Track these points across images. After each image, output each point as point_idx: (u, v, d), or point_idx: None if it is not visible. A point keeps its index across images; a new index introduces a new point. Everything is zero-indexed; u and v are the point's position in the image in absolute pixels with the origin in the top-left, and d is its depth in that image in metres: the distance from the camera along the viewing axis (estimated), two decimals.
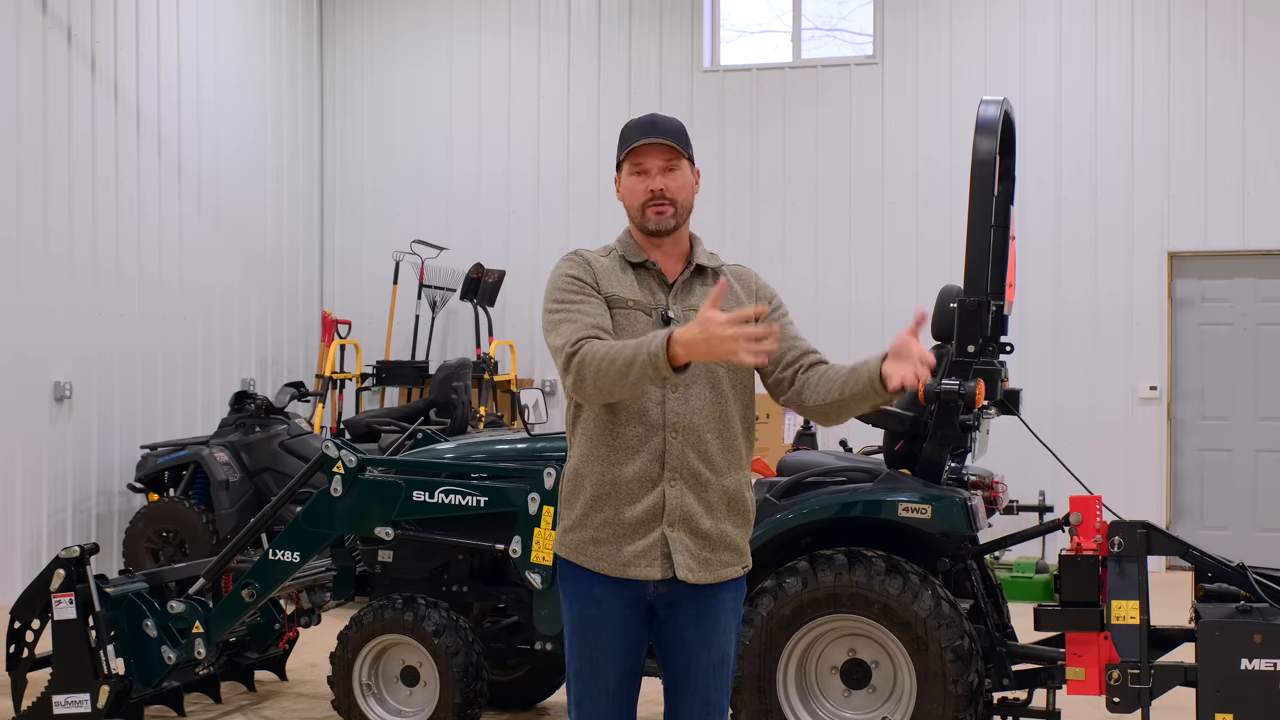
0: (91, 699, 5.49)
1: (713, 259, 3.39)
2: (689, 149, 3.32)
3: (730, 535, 3.29)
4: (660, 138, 3.26)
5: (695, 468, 3.22)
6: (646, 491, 3.21)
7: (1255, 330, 10.23)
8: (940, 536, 5.02)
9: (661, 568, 3.21)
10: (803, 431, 8.70)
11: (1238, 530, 10.14)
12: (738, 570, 3.33)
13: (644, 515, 3.21)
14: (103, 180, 9.71)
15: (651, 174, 3.26)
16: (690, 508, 3.22)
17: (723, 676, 3.33)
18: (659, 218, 3.27)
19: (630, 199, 3.30)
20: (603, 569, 3.24)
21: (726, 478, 3.27)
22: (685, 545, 3.22)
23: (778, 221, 11.19)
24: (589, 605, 3.27)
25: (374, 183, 12.25)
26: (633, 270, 3.31)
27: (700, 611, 3.28)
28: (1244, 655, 4.46)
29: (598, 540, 3.25)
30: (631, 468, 3.21)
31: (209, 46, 10.91)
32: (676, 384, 3.19)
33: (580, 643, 3.30)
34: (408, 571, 5.66)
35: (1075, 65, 10.58)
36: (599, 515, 3.24)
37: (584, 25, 11.75)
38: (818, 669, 5.03)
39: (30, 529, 9.05)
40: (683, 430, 3.21)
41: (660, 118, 3.32)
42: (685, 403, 3.21)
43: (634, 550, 3.21)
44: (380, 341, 11.82)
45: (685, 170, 3.31)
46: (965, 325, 4.96)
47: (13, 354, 8.89)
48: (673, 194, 3.27)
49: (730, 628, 3.34)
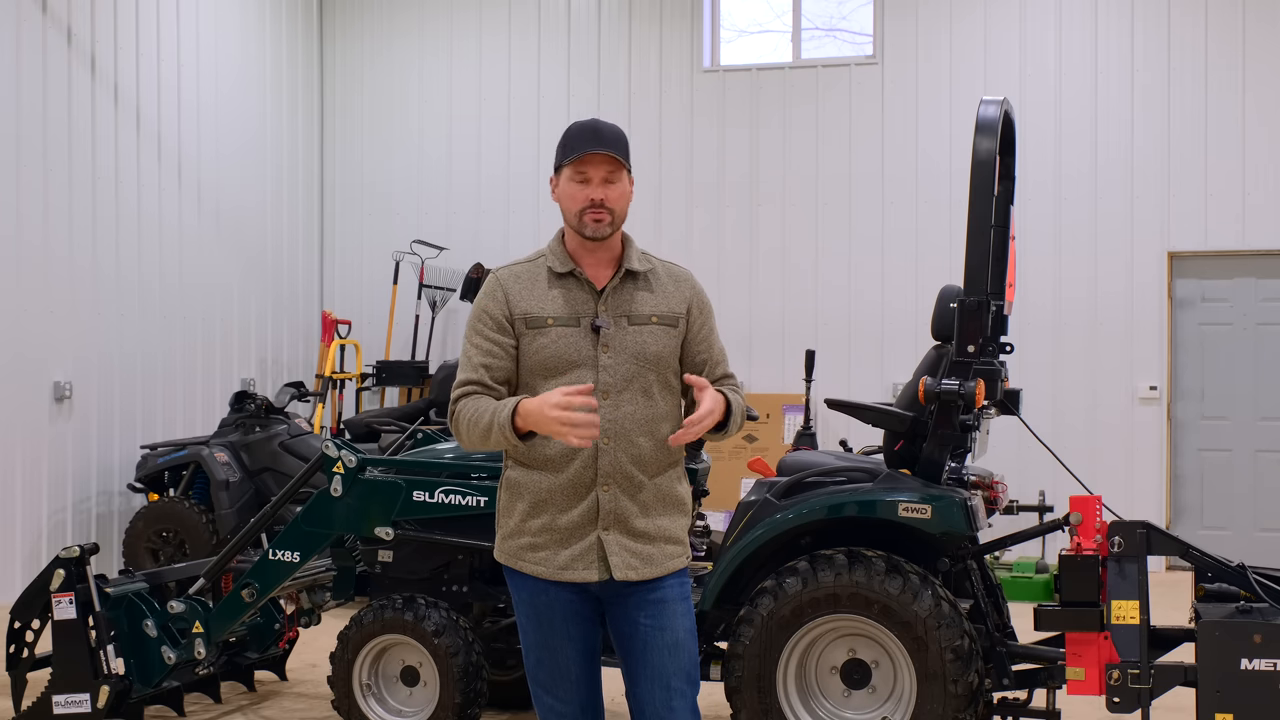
0: (91, 699, 5.49)
1: (644, 261, 3.45)
2: (629, 160, 3.40)
3: (668, 529, 3.40)
4: (605, 149, 3.33)
5: (628, 471, 3.32)
6: (581, 497, 3.31)
7: (1255, 330, 10.23)
8: (940, 536, 5.02)
9: (598, 570, 3.32)
10: (802, 431, 8.70)
11: (1238, 530, 10.15)
12: (681, 561, 3.42)
13: (579, 520, 3.32)
14: (103, 180, 9.71)
15: (593, 183, 3.34)
16: (624, 509, 3.32)
17: (680, 659, 3.38)
18: (596, 225, 3.34)
19: (569, 204, 3.36)
20: (541, 573, 3.35)
21: (659, 477, 3.38)
22: (622, 545, 3.32)
23: (778, 221, 11.20)
24: (538, 594, 3.37)
25: (374, 183, 12.25)
26: (559, 281, 3.38)
27: (647, 600, 3.36)
28: (1244, 655, 4.46)
29: (535, 545, 3.35)
30: (565, 475, 3.31)
31: (209, 46, 10.91)
32: (607, 392, 3.30)
33: (535, 630, 3.40)
34: (408, 571, 5.66)
35: (1075, 65, 10.58)
36: (535, 522, 3.35)
37: (584, 25, 11.75)
38: (818, 669, 5.03)
39: (30, 529, 9.05)
40: (614, 436, 3.31)
41: (603, 125, 3.38)
42: (616, 409, 3.31)
43: (570, 554, 3.32)
44: (380, 341, 11.83)
45: (624, 181, 3.38)
46: (965, 325, 4.95)
47: (13, 354, 8.89)
48: (611, 204, 3.34)
49: (680, 611, 3.40)
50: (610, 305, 3.36)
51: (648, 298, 3.40)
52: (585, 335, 3.33)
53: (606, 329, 3.33)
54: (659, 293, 3.41)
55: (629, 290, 3.39)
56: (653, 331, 3.38)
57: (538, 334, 3.33)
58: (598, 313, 3.35)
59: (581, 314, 3.35)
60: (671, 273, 3.49)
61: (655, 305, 3.39)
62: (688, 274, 3.53)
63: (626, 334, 3.35)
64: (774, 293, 11.03)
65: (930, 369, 5.30)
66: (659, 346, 3.37)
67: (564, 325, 3.33)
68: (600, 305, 3.35)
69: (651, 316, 3.38)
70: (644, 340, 3.36)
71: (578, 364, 3.31)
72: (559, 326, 3.33)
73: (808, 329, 10.70)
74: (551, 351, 3.31)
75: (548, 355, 3.31)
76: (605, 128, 3.37)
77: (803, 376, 8.87)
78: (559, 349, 3.31)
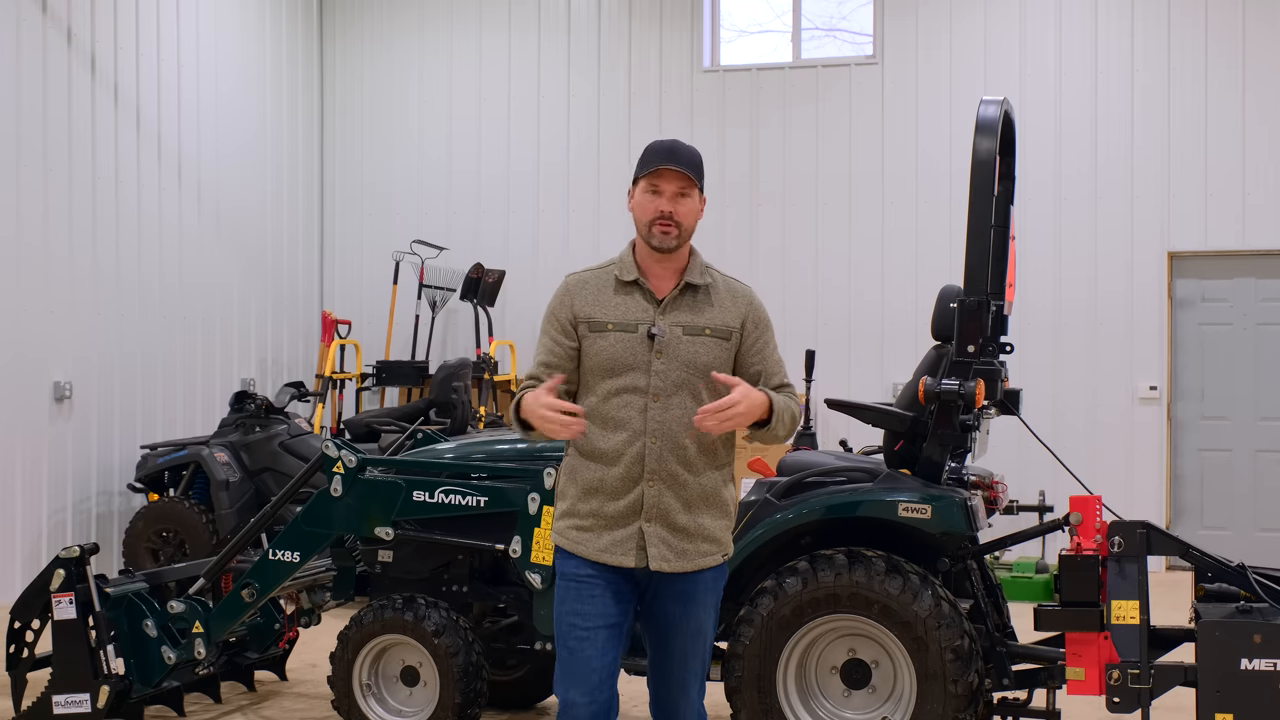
0: (91, 699, 5.49)
1: (705, 275, 3.68)
2: (702, 180, 3.65)
3: (707, 527, 3.62)
4: (679, 166, 3.58)
5: (673, 469, 3.56)
6: (629, 490, 3.55)
7: (1255, 330, 10.23)
8: (940, 536, 5.02)
9: (636, 558, 3.55)
10: (803, 431, 8.69)
11: (1238, 530, 10.15)
12: (717, 559, 3.66)
13: (625, 510, 3.56)
14: (103, 180, 9.71)
15: (664, 196, 3.58)
16: (668, 505, 3.56)
17: (699, 645, 3.67)
18: (664, 236, 3.57)
19: (640, 214, 3.61)
20: (583, 553, 3.59)
21: (703, 477, 3.61)
22: (661, 538, 3.56)
23: (778, 221, 11.20)
24: (582, 567, 3.59)
25: (374, 183, 12.25)
26: (624, 288, 3.63)
27: (680, 590, 3.61)
28: (1244, 655, 4.46)
29: (582, 528, 3.60)
30: (616, 470, 3.56)
31: (209, 46, 10.91)
32: (657, 395, 3.54)
33: (574, 596, 3.58)
34: (408, 571, 5.66)
35: (1075, 65, 10.58)
36: (586, 506, 3.60)
37: (584, 25, 11.75)
38: (818, 669, 5.03)
39: (30, 529, 9.05)
40: (662, 436, 3.55)
41: (681, 146, 3.64)
42: (665, 411, 3.55)
43: (612, 539, 3.56)
44: (380, 341, 11.82)
45: (695, 199, 3.63)
46: (965, 325, 4.96)
47: (13, 354, 8.89)
48: (680, 218, 3.58)
49: (708, 604, 3.67)
50: (668, 315, 3.60)
51: (705, 310, 3.63)
52: (642, 341, 3.57)
53: (661, 337, 3.57)
54: (716, 306, 3.65)
55: (688, 302, 3.63)
56: (705, 342, 3.60)
57: (598, 337, 3.59)
58: (655, 321, 3.58)
59: (641, 321, 3.59)
60: (731, 288, 3.72)
61: (711, 318, 3.63)
62: (748, 290, 3.75)
63: (680, 343, 3.58)
64: (774, 292, 11.01)
65: (930, 369, 5.30)
66: (709, 357, 3.59)
67: (622, 330, 3.59)
68: (659, 314, 3.59)
69: (705, 328, 3.61)
70: (696, 350, 3.58)
71: (632, 367, 3.56)
72: (618, 331, 3.58)
73: (808, 329, 10.69)
74: (609, 354, 3.57)
75: (605, 357, 3.57)
76: (682, 147, 3.63)
77: (803, 376, 8.87)
78: (616, 352, 3.57)
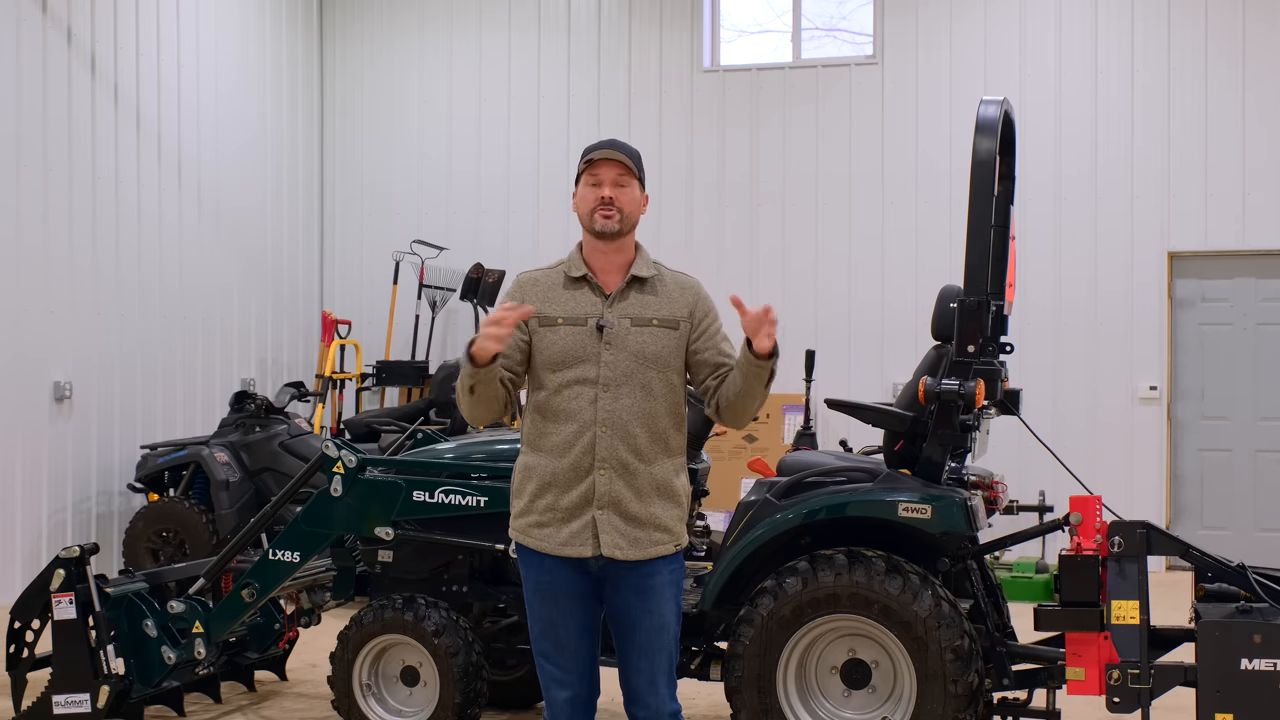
0: (91, 699, 5.49)
1: (652, 269, 3.77)
2: (641, 173, 3.75)
3: (659, 516, 3.68)
4: (615, 152, 3.69)
5: (624, 458, 3.63)
6: (580, 480, 3.63)
7: (1255, 330, 10.23)
8: (940, 536, 5.02)
9: (592, 546, 3.63)
10: (803, 431, 8.69)
11: (1238, 530, 10.15)
12: (670, 548, 3.71)
13: (578, 500, 3.63)
14: (103, 180, 9.71)
15: (604, 184, 3.68)
16: (619, 493, 3.63)
17: (664, 639, 3.72)
18: (605, 221, 3.67)
19: (582, 206, 3.71)
20: (545, 548, 3.66)
21: (655, 466, 3.68)
22: (614, 525, 3.63)
23: (778, 221, 11.20)
24: (543, 573, 3.69)
25: (374, 183, 12.25)
26: (573, 284, 3.72)
27: (639, 583, 3.68)
28: (1244, 655, 4.46)
29: (540, 523, 3.68)
30: (567, 460, 3.63)
31: (209, 46, 10.91)
32: (607, 385, 3.61)
33: (539, 604, 3.71)
34: (408, 571, 5.66)
35: (1075, 65, 10.58)
36: (542, 502, 3.67)
37: (584, 25, 11.75)
38: (818, 669, 5.03)
39: (30, 529, 9.05)
40: (612, 425, 3.62)
41: (617, 140, 3.77)
42: (615, 401, 3.63)
43: (569, 531, 3.63)
44: (380, 341, 11.83)
45: (635, 189, 3.73)
46: (965, 325, 4.95)
47: (13, 354, 8.90)
48: (620, 203, 3.68)
49: (668, 596, 3.72)
50: (616, 307, 3.68)
51: (651, 301, 3.71)
52: (591, 334, 3.65)
53: (610, 328, 3.64)
54: (663, 297, 3.73)
55: (635, 295, 3.71)
56: (653, 333, 3.68)
57: (549, 331, 3.67)
58: (604, 314, 3.65)
59: (590, 315, 3.67)
60: (678, 280, 3.80)
61: (658, 309, 3.70)
62: (694, 282, 3.83)
63: (629, 334, 3.66)
64: (774, 292, 11.01)
65: (930, 369, 5.29)
66: (658, 347, 3.68)
67: (572, 324, 3.66)
68: (607, 307, 3.67)
69: (653, 319, 3.69)
70: (644, 340, 3.66)
71: (582, 359, 3.63)
72: (568, 325, 3.66)
73: (808, 329, 10.69)
74: (560, 348, 3.65)
75: (556, 350, 3.65)
76: (619, 142, 3.74)
77: (803, 376, 8.86)
78: (566, 345, 3.65)
